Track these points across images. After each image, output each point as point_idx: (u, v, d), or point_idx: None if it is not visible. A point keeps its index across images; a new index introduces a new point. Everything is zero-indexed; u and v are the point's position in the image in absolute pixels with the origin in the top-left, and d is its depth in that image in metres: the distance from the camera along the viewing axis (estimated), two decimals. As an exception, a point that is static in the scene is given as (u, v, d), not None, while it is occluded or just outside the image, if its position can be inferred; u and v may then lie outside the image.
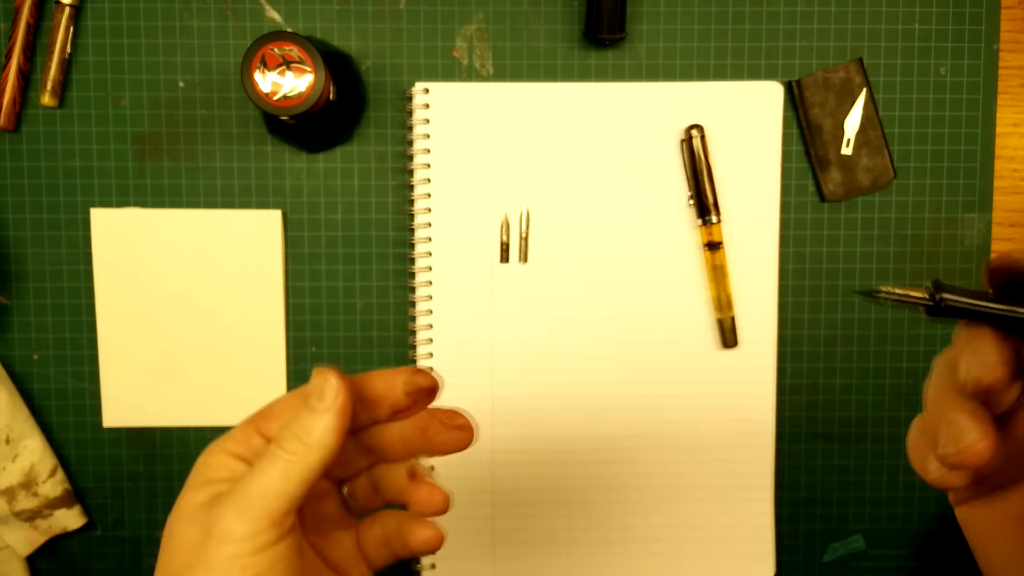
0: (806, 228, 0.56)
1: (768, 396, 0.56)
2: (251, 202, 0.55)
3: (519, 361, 0.56)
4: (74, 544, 0.57)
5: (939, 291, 0.26)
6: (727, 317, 0.55)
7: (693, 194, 0.55)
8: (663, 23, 0.55)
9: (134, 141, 0.55)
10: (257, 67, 0.47)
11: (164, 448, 0.57)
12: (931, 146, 0.56)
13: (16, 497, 0.54)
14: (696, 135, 0.54)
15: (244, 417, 0.32)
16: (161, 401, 0.56)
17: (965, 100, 0.56)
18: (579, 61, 0.55)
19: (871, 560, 0.58)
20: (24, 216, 0.55)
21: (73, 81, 0.54)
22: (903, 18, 0.55)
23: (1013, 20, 0.56)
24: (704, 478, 0.57)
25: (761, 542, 0.57)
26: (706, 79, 0.55)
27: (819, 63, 0.55)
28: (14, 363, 0.56)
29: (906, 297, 0.26)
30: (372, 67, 0.55)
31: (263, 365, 0.56)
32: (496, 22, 0.55)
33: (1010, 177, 0.57)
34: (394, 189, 0.56)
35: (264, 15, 0.55)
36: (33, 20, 0.53)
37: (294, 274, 0.56)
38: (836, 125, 0.55)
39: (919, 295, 0.26)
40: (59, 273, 0.55)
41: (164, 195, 0.55)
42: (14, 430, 0.54)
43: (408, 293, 0.56)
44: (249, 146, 0.55)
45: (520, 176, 0.55)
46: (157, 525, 0.57)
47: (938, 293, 0.26)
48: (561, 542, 0.57)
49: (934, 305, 0.26)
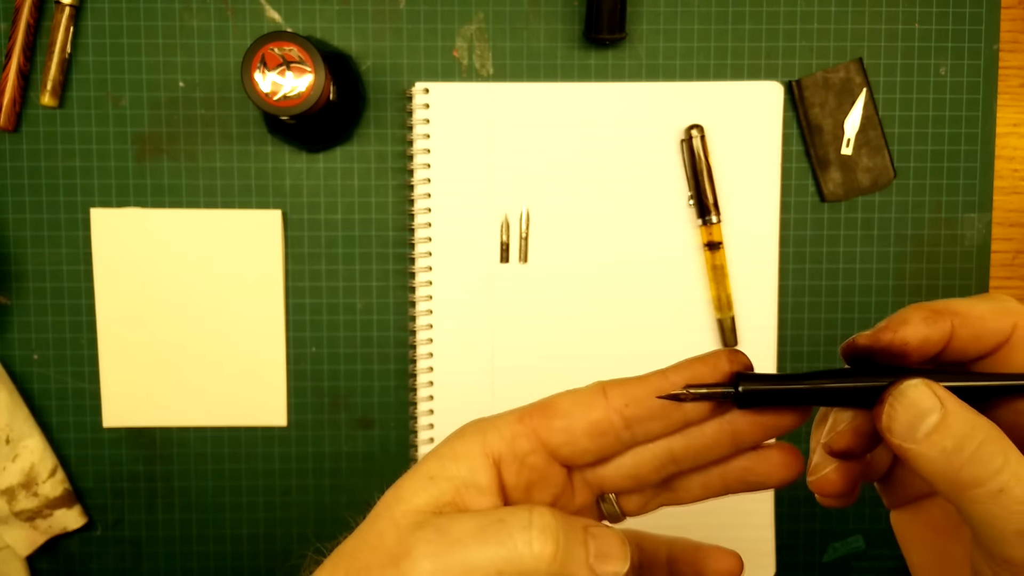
0: (806, 228, 0.56)
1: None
2: (251, 202, 0.55)
3: (519, 361, 0.56)
4: (74, 544, 0.57)
5: (741, 382, 0.25)
6: (727, 317, 0.55)
7: (693, 194, 0.55)
8: (663, 23, 0.55)
9: (134, 141, 0.55)
10: (257, 67, 0.47)
11: (164, 448, 0.57)
12: (931, 146, 0.56)
13: (16, 497, 0.54)
14: (696, 135, 0.54)
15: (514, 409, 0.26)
16: (161, 401, 0.56)
17: (965, 100, 0.56)
18: (579, 61, 0.55)
19: (871, 560, 0.58)
20: (24, 216, 0.55)
21: (73, 81, 0.54)
22: (903, 18, 0.55)
23: (1013, 20, 0.56)
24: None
25: (761, 542, 0.57)
26: (706, 79, 0.55)
27: (819, 63, 0.55)
28: (14, 363, 0.56)
29: (710, 393, 0.24)
30: (372, 67, 0.55)
31: (263, 365, 0.56)
32: (496, 22, 0.55)
33: (1010, 177, 0.57)
34: (394, 189, 0.56)
35: (264, 15, 0.55)
36: (33, 20, 0.53)
37: (294, 274, 0.56)
38: (836, 125, 0.55)
39: (722, 390, 0.25)
40: (59, 273, 0.55)
41: (164, 195, 0.55)
42: (14, 430, 0.54)
43: (408, 293, 0.56)
44: (249, 146, 0.55)
45: (520, 176, 0.55)
46: (157, 525, 0.57)
47: (741, 383, 0.25)
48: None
49: (735, 394, 0.25)
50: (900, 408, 0.23)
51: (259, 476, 0.57)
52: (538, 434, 0.25)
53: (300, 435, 0.57)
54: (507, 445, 0.25)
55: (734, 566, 0.29)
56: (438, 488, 0.24)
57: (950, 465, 0.22)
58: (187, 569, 0.57)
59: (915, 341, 0.24)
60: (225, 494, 0.57)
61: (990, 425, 0.22)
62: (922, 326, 0.24)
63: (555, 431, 0.25)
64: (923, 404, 0.22)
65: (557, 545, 0.22)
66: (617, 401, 0.25)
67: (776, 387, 0.25)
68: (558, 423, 0.25)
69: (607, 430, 0.25)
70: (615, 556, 0.24)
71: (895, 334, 0.24)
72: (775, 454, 0.27)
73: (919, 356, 0.24)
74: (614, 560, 0.23)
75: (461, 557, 0.22)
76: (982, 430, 0.22)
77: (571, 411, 0.25)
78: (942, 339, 0.24)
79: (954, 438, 0.22)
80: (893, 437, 0.23)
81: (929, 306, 0.24)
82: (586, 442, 0.25)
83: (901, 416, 0.23)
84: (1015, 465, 0.21)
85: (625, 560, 0.23)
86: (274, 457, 0.57)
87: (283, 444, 0.57)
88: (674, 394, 0.24)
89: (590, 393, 0.25)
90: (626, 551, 0.24)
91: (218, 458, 0.57)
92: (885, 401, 0.23)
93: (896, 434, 0.23)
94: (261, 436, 0.57)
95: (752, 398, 0.25)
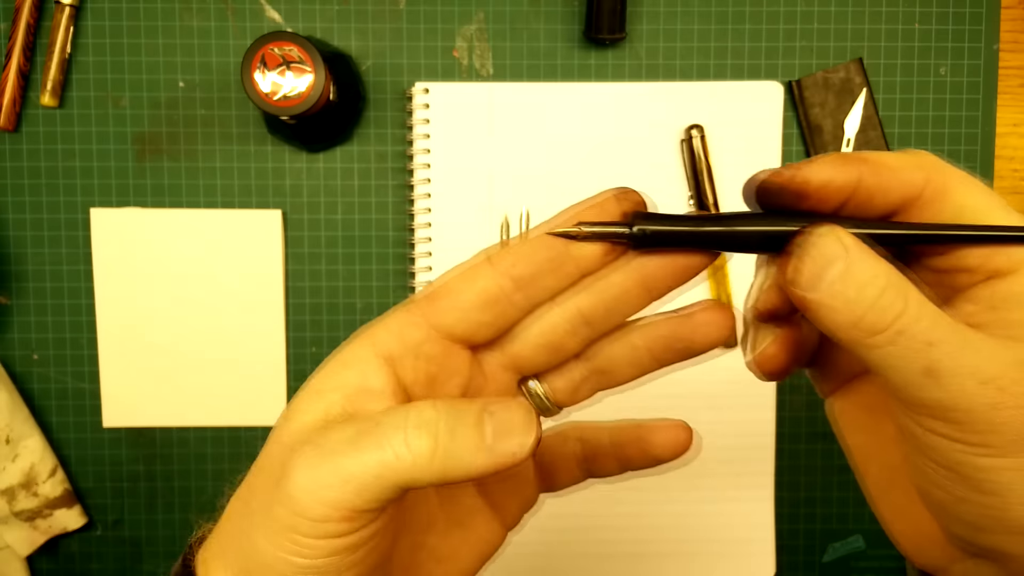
0: (806, 228, 0.56)
1: (768, 396, 0.56)
2: (251, 202, 0.55)
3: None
4: (74, 544, 0.57)
5: (637, 222, 0.23)
6: (727, 317, 0.55)
7: (693, 194, 0.55)
8: (663, 23, 0.55)
9: (134, 141, 0.55)
10: (257, 67, 0.47)
11: (164, 448, 0.57)
12: (931, 146, 0.56)
13: (16, 497, 0.54)
14: (696, 135, 0.54)
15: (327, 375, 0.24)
16: (161, 401, 0.56)
17: (965, 100, 0.56)
18: (579, 61, 0.55)
19: (871, 560, 0.58)
20: (24, 216, 0.55)
21: (73, 81, 0.54)
22: (903, 18, 0.55)
23: (1013, 20, 0.56)
24: (704, 478, 0.57)
25: (761, 542, 0.57)
26: (706, 79, 0.55)
27: (819, 63, 0.55)
28: (14, 363, 0.56)
29: (603, 232, 0.23)
30: (372, 67, 0.55)
31: (263, 365, 0.56)
32: (496, 22, 0.55)
33: (1010, 177, 0.57)
34: (394, 189, 0.56)
35: (264, 15, 0.55)
36: (33, 20, 0.53)
37: (294, 274, 0.56)
38: (836, 125, 0.55)
39: (619, 230, 0.23)
40: (59, 273, 0.55)
41: (164, 195, 0.55)
42: (14, 430, 0.54)
43: (408, 293, 0.56)
44: (249, 146, 0.55)
45: (520, 176, 0.55)
46: (157, 525, 0.57)
47: (636, 222, 0.23)
48: (561, 543, 0.57)
49: (632, 235, 0.23)
50: (806, 257, 0.21)
51: (259, 476, 0.57)
52: (427, 318, 0.23)
53: (300, 435, 0.57)
54: (397, 339, 0.23)
55: (680, 437, 0.27)
56: (326, 401, 0.23)
57: (852, 314, 0.21)
58: (187, 569, 0.57)
59: (817, 181, 0.22)
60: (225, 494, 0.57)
61: (891, 270, 0.21)
62: (827, 167, 0.22)
63: (444, 311, 0.23)
64: (828, 252, 0.21)
65: (436, 440, 0.21)
66: (502, 264, 0.24)
67: (675, 228, 0.23)
68: (445, 302, 0.23)
69: (498, 296, 0.23)
70: (517, 430, 0.22)
71: (797, 171, 0.22)
72: (700, 313, 0.25)
73: (820, 199, 0.22)
74: (517, 434, 0.22)
75: (336, 466, 0.21)
76: (883, 276, 0.21)
77: (456, 286, 0.23)
78: (846, 183, 0.22)
79: (857, 286, 0.21)
80: (796, 288, 0.22)
81: (840, 153, 0.23)
82: (479, 314, 0.23)
83: (807, 266, 0.21)
84: (915, 306, 0.21)
85: (530, 432, 0.22)
86: (274, 457, 0.57)
87: (283, 444, 0.57)
88: (565, 231, 0.23)
89: (474, 263, 0.24)
90: (532, 422, 0.22)
91: (218, 458, 0.57)
92: (792, 251, 0.22)
93: (800, 285, 0.21)
94: (261, 436, 0.57)
95: (649, 239, 0.23)
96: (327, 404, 0.23)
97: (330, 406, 0.23)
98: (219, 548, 0.24)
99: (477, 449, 0.21)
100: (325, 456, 0.21)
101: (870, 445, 0.27)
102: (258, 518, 0.22)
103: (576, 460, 0.29)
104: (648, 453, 0.27)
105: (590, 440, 0.28)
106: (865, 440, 0.27)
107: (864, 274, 0.21)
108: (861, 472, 0.27)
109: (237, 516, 0.24)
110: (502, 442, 0.21)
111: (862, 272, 0.21)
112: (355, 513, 0.21)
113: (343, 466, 0.21)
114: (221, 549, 0.24)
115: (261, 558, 0.22)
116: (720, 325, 0.26)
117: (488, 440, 0.21)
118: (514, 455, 0.22)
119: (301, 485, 0.21)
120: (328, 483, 0.21)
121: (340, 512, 0.21)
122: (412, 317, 0.23)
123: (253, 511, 0.23)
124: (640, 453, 0.27)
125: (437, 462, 0.21)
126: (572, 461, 0.29)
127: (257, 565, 0.22)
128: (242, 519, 0.23)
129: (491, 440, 0.21)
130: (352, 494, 0.21)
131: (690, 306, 0.26)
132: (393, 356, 0.23)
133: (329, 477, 0.21)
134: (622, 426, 0.28)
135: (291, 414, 0.23)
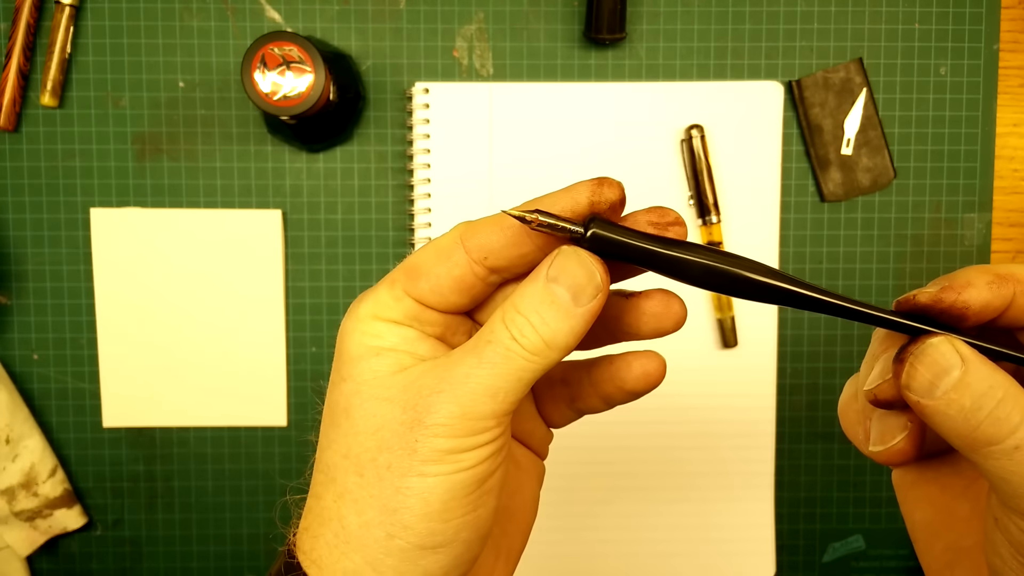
0: (806, 228, 0.56)
1: (768, 396, 0.56)
2: (251, 202, 0.55)
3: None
4: (74, 544, 0.57)
5: (595, 225, 0.23)
6: (727, 317, 0.55)
7: (693, 194, 0.55)
8: (663, 23, 0.55)
9: (134, 141, 0.55)
10: (257, 67, 0.47)
11: (164, 448, 0.57)
12: (931, 146, 0.56)
13: (16, 497, 0.54)
14: (696, 135, 0.54)
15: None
16: (161, 401, 0.56)
17: (965, 100, 0.56)
18: (579, 61, 0.55)
19: (871, 560, 0.58)
20: (24, 216, 0.55)
21: (73, 81, 0.54)
22: (903, 18, 0.55)
23: (1013, 20, 0.56)
24: (704, 478, 0.57)
25: (761, 542, 0.57)
26: (706, 79, 0.55)
27: (819, 63, 0.55)
28: (14, 363, 0.56)
29: (557, 225, 0.23)
30: (372, 67, 0.55)
31: (263, 365, 0.56)
32: (496, 22, 0.55)
33: (1010, 177, 0.57)
34: (394, 189, 0.56)
35: (264, 15, 0.55)
36: (33, 20, 0.53)
37: (294, 274, 0.56)
38: (836, 125, 0.55)
39: (572, 227, 0.23)
40: (59, 273, 0.55)
41: (164, 195, 0.55)
42: (14, 430, 0.54)
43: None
44: (249, 146, 0.55)
45: (520, 176, 0.55)
46: (157, 525, 0.57)
47: (593, 226, 0.23)
48: (561, 542, 0.57)
49: (582, 236, 0.23)
50: (921, 365, 0.22)
51: (259, 476, 0.57)
52: (411, 293, 0.25)
53: (300, 435, 0.57)
54: (394, 311, 0.25)
55: (649, 368, 0.28)
56: (393, 359, 0.25)
57: (968, 423, 0.21)
58: (187, 569, 0.57)
59: (976, 305, 0.23)
60: (225, 494, 0.57)
61: (1009, 381, 0.22)
62: (986, 290, 0.23)
63: (424, 292, 0.25)
64: (944, 360, 0.22)
65: (535, 329, 0.23)
66: (477, 255, 0.25)
67: (629, 242, 0.23)
68: (424, 284, 0.25)
69: (473, 283, 0.25)
70: (583, 280, 0.23)
71: (958, 296, 0.23)
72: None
73: (976, 320, 0.23)
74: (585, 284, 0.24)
75: (476, 387, 0.23)
76: (1001, 388, 0.21)
77: (434, 269, 0.25)
78: (1002, 306, 0.23)
79: (973, 396, 0.21)
80: (912, 394, 0.22)
81: (992, 270, 0.23)
82: (456, 297, 0.25)
83: (921, 373, 0.22)
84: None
85: (593, 275, 0.23)
86: (274, 457, 0.57)
87: (283, 444, 0.57)
88: (521, 216, 0.24)
89: (451, 247, 0.25)
90: (588, 265, 0.23)
91: (218, 458, 0.57)
92: (906, 359, 0.23)
93: (915, 391, 0.22)
94: (261, 436, 0.57)
95: (602, 244, 0.23)
96: (395, 359, 0.25)
97: (398, 359, 0.25)
98: (331, 536, 0.24)
99: (567, 315, 0.23)
100: (459, 384, 0.23)
101: (939, 523, 0.27)
102: (400, 464, 0.23)
103: (565, 402, 0.30)
104: (623, 389, 0.28)
105: (572, 381, 0.29)
106: (934, 517, 0.27)
107: (981, 384, 0.22)
108: (923, 546, 0.27)
109: (352, 489, 0.24)
110: (580, 298, 0.23)
111: (979, 382, 0.22)
112: (505, 417, 0.24)
113: (484, 384, 0.23)
114: (333, 536, 0.24)
115: (410, 499, 0.23)
116: (667, 318, 0.27)
117: (569, 305, 0.23)
118: (596, 299, 0.23)
119: (451, 410, 0.23)
120: (477, 400, 0.23)
121: (495, 419, 0.23)
122: (396, 292, 0.25)
123: (382, 466, 0.24)
124: (616, 390, 0.28)
125: (545, 343, 0.23)
126: (562, 403, 0.30)
127: (404, 508, 0.23)
128: (367, 485, 0.24)
129: (572, 304, 0.23)
130: (502, 402, 0.23)
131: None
132: (407, 318, 0.25)
133: (478, 395, 0.23)
134: (597, 363, 0.29)
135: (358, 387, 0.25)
